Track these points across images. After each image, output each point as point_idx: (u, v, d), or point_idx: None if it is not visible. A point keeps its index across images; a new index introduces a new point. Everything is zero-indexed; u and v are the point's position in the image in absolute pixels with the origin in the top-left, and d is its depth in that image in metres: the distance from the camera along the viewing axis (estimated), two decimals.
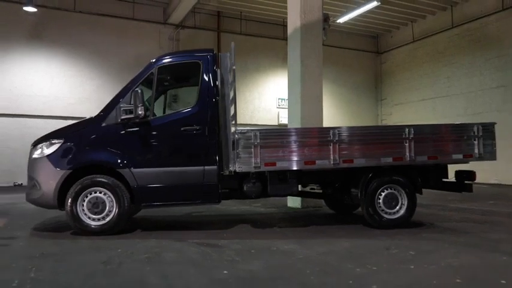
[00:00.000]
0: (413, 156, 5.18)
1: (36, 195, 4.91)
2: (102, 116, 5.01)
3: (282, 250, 4.10)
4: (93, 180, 4.80)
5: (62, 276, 3.21)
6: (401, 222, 5.24)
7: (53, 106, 13.75)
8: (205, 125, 5.04)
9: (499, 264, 3.58)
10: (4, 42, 13.10)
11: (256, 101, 16.22)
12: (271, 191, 5.29)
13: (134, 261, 3.65)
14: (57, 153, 4.86)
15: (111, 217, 4.81)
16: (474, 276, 3.21)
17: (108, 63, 14.45)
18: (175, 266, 3.50)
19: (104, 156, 4.89)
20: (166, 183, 4.93)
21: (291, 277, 3.21)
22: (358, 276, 3.19)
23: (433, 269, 3.39)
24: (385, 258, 3.75)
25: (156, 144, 5.02)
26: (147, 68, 5.17)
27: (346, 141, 5.09)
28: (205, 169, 5.01)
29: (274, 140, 5.05)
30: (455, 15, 15.18)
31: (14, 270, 3.37)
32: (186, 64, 5.39)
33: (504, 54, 13.73)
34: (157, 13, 15.08)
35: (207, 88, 5.14)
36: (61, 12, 13.69)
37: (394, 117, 17.88)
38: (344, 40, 17.62)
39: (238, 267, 3.45)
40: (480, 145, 5.34)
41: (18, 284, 2.99)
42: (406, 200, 5.27)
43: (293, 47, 7.71)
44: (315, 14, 7.56)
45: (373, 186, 5.21)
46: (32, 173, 5.02)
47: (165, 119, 5.19)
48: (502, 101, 13.79)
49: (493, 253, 3.96)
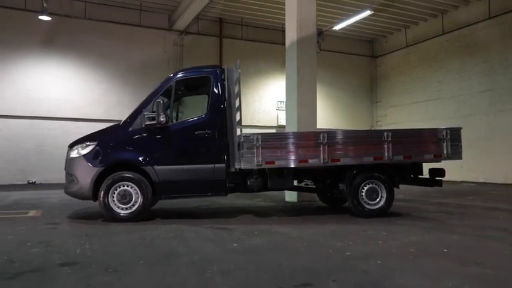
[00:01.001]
0: (391, 156, 6.24)
1: (74, 189, 5.96)
2: (128, 122, 6.07)
3: (279, 231, 5.16)
4: (121, 175, 5.86)
5: (111, 248, 4.26)
6: (381, 212, 6.31)
7: (64, 108, 14.79)
8: (215, 129, 6.11)
9: (448, 241, 4.64)
10: (20, 49, 14.16)
11: (256, 103, 17.30)
12: (270, 185, 6.36)
13: (162, 239, 4.71)
14: (92, 154, 5.91)
15: (136, 207, 5.87)
16: (425, 248, 4.27)
17: (115, 67, 15.50)
18: (195, 241, 4.56)
19: (130, 155, 5.96)
20: (183, 179, 6.00)
21: (285, 248, 4.28)
22: (337, 248, 4.25)
23: (396, 243, 4.45)
24: (361, 237, 4.82)
25: (174, 145, 6.09)
26: (166, 82, 6.24)
27: (333, 143, 6.15)
28: (215, 167, 6.08)
29: (273, 142, 6.11)
30: (445, 22, 16.26)
31: (71, 244, 4.42)
32: (199, 78, 6.48)
33: (490, 60, 14.81)
34: (162, 20, 16.14)
35: (217, 98, 6.21)
36: (72, 19, 14.73)
37: (389, 118, 18.97)
38: (341, 45, 18.70)
39: (245, 242, 4.51)
40: (448, 147, 6.40)
41: (80, 252, 4.04)
42: (385, 193, 6.34)
43: (290, 58, 8.77)
44: (310, 29, 8.62)
45: (357, 181, 6.28)
46: (70, 170, 6.05)
47: (181, 125, 6.26)
48: (488, 104, 14.87)
49: (448, 234, 5.02)
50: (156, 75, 15.85)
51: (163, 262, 3.67)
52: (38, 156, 14.39)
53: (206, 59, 16.65)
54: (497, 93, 14.60)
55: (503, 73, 14.38)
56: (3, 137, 14.06)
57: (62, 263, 3.61)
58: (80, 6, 14.78)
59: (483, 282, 3.07)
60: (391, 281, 3.12)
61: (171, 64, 16.26)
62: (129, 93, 15.64)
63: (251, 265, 3.56)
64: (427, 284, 3.02)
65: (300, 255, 3.99)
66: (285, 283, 3.05)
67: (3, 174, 13.85)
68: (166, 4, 15.48)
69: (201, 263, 3.60)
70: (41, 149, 14.48)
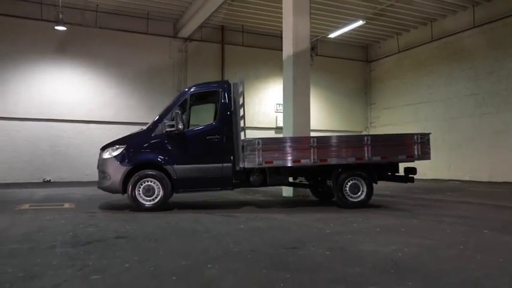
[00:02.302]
0: (370, 157, 7.64)
1: (107, 184, 7.36)
2: (151, 129, 7.47)
3: (276, 218, 6.56)
4: (146, 173, 7.25)
5: (146, 228, 5.64)
6: (362, 203, 7.70)
7: (76, 111, 16.16)
8: (223, 134, 7.52)
9: (409, 224, 6.03)
10: (36, 56, 15.53)
11: (256, 106, 18.69)
12: (269, 181, 7.76)
13: (184, 222, 6.11)
14: (121, 155, 7.30)
15: (158, 199, 7.26)
16: (388, 228, 5.66)
17: (124, 72, 16.88)
18: (210, 224, 5.96)
19: (153, 156, 7.36)
20: (196, 176, 7.40)
21: (280, 228, 5.67)
22: (320, 228, 5.65)
23: (367, 225, 5.85)
24: (341, 221, 6.21)
25: (189, 148, 7.48)
26: (182, 95, 7.66)
27: (322, 146, 7.54)
28: (223, 166, 7.49)
29: (271, 145, 7.52)
30: (434, 30, 17.66)
31: (114, 225, 5.80)
32: (209, 91, 7.91)
33: (475, 66, 16.22)
34: (167, 28, 17.52)
35: (224, 108, 7.61)
36: (84, 28, 16.10)
37: (382, 120, 20.40)
38: (336, 50, 20.12)
39: (249, 224, 5.91)
40: (419, 149, 7.79)
41: (125, 230, 5.43)
42: (365, 188, 7.74)
43: (287, 70, 10.17)
44: (304, 44, 10.01)
45: (341, 178, 7.68)
46: (103, 168, 7.44)
47: (195, 131, 7.65)
48: (473, 107, 16.30)
49: (411, 219, 6.42)
50: (162, 80, 17.43)
51: (190, 236, 5.06)
52: (53, 156, 15.77)
53: (209, 65, 18.13)
54: (481, 97, 16.02)
55: (487, 79, 15.80)
56: (21, 138, 15.44)
57: (115, 236, 5.01)
58: (91, 16, 16.15)
59: (418, 247, 4.46)
60: (354, 246, 4.51)
61: (176, 69, 17.69)
62: (137, 96, 17.06)
63: (255, 238, 4.96)
64: (378, 249, 4.40)
65: (291, 232, 5.39)
66: (279, 247, 4.44)
67: (20, 173, 15.25)
68: (171, 13, 16.85)
69: (218, 237, 5.00)
70: (55, 149, 15.86)
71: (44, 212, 7.24)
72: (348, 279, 3.26)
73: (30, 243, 4.57)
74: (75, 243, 4.63)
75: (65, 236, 5.02)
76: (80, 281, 3.24)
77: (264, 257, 4.03)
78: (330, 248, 4.39)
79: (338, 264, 3.75)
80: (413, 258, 3.96)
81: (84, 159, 15.95)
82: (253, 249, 4.34)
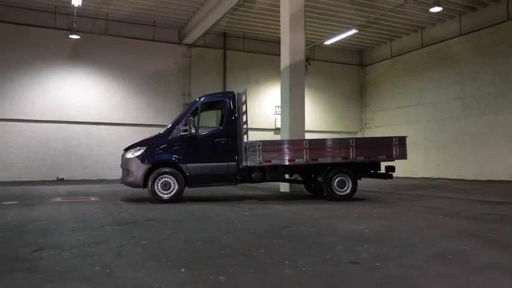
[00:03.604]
0: (355, 157, 9.13)
1: (130, 180, 8.84)
2: (168, 133, 8.96)
3: (274, 208, 8.05)
4: (163, 170, 8.73)
5: (168, 215, 7.12)
6: (347, 197, 9.19)
7: (86, 113, 17.65)
8: (229, 137, 9.01)
9: (383, 212, 7.51)
10: (50, 62, 17.02)
11: (256, 108, 20.18)
12: (268, 178, 9.24)
13: (198, 210, 7.59)
14: (142, 155, 8.78)
15: (174, 192, 8.75)
16: (364, 215, 7.13)
17: (132, 77, 18.38)
18: (220, 211, 7.44)
19: (170, 156, 8.84)
20: (206, 173, 8.89)
21: (277, 215, 7.16)
22: (309, 214, 7.13)
23: (348, 212, 7.33)
24: (327, 210, 7.70)
25: (200, 149, 8.97)
26: (194, 104, 9.16)
27: (313, 148, 9.03)
28: (229, 164, 8.97)
29: (270, 147, 9.01)
30: (424, 37, 19.18)
31: (141, 212, 7.27)
32: (217, 100, 9.40)
33: (462, 72, 17.74)
34: (173, 35, 19.01)
35: (230, 115, 9.11)
36: (94, 36, 17.59)
37: (376, 121, 21.92)
38: (333, 55, 21.64)
39: (251, 212, 7.40)
40: (396, 150, 9.28)
41: (152, 215, 6.90)
42: (351, 183, 9.23)
43: (284, 79, 11.65)
44: (300, 56, 11.50)
45: (330, 175, 9.16)
46: (126, 166, 8.92)
47: (205, 135, 9.14)
48: (460, 110, 17.82)
49: (386, 209, 7.91)
50: (167, 84, 18.95)
51: (205, 220, 6.55)
52: (65, 155, 17.26)
53: (211, 69, 19.64)
54: (466, 101, 17.54)
55: (472, 83, 17.32)
56: (35, 139, 16.92)
57: (145, 219, 6.49)
58: (102, 24, 17.62)
59: (382, 226, 5.93)
60: (333, 226, 5.99)
61: (180, 74, 19.19)
62: (144, 99, 18.57)
63: (256, 221, 6.45)
64: (351, 227, 5.87)
65: (285, 217, 6.88)
66: (275, 226, 5.92)
67: (35, 171, 16.74)
68: (176, 21, 18.34)
69: (227, 220, 6.48)
70: (68, 149, 17.35)
71: (77, 203, 8.72)
72: (324, 243, 4.75)
73: (83, 224, 6.06)
74: (118, 223, 6.12)
75: (107, 219, 6.51)
76: (134, 244, 4.72)
77: (264, 232, 5.52)
78: (314, 226, 5.88)
79: (318, 236, 5.24)
80: (375, 233, 5.45)
81: (94, 158, 17.52)
82: (255, 227, 5.83)
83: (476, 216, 6.93)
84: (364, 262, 3.87)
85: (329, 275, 3.51)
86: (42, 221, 6.31)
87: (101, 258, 4.00)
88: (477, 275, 3.51)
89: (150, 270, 3.58)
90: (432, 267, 3.68)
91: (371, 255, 4.12)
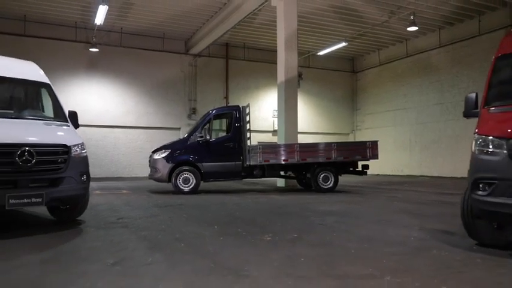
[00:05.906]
0: (336, 157, 11.85)
1: (157, 176, 11.55)
2: (187, 139, 11.71)
3: (272, 197, 10.78)
4: (184, 168, 11.43)
5: (191, 202, 9.79)
6: (331, 189, 11.91)
7: (102, 118, 20.30)
8: (236, 142, 11.74)
9: (353, 199, 10.22)
10: (71, 72, 19.65)
11: (256, 112, 22.83)
12: (267, 174, 12.00)
13: (213, 199, 10.30)
14: (167, 156, 11.48)
15: (192, 185, 11.45)
16: (340, 201, 9.83)
17: (143, 84, 21.05)
18: (231, 199, 10.13)
19: (189, 157, 11.55)
20: (218, 170, 11.61)
21: (275, 202, 9.87)
22: (299, 201, 9.84)
23: (328, 200, 10.04)
24: (313, 198, 10.41)
25: (213, 151, 11.66)
26: (208, 115, 11.92)
27: (302, 150, 11.76)
28: (236, 163, 11.71)
29: (268, 149, 11.74)
30: (409, 47, 21.92)
31: (170, 200, 9.95)
32: (226, 112, 12.16)
33: (441, 80, 20.48)
34: (180, 46, 21.70)
35: (236, 124, 11.82)
36: (109, 47, 20.23)
37: (366, 124, 24.68)
38: (326, 62, 24.38)
39: (255, 200, 10.12)
40: (370, 151, 12.00)
41: (180, 202, 9.60)
42: (333, 178, 11.95)
43: (280, 92, 14.34)
44: (293, 72, 14.19)
45: (317, 171, 11.88)
46: (154, 165, 11.62)
47: (217, 140, 11.89)
48: (439, 115, 20.56)
49: (356, 197, 10.64)
50: (175, 90, 21.68)
51: (221, 204, 9.25)
52: None
53: (215, 77, 22.35)
54: (445, 106, 20.28)
55: (450, 90, 20.05)
56: None
57: (177, 204, 9.18)
58: (116, 37, 20.28)
59: (350, 207, 8.63)
60: (315, 207, 8.69)
61: (187, 81, 21.88)
62: (154, 104, 21.24)
63: (258, 204, 9.17)
64: (327, 208, 8.54)
65: (280, 203, 9.59)
66: (273, 207, 8.63)
67: None
68: (183, 34, 21.01)
69: (238, 204, 9.18)
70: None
71: (115, 195, 11.42)
72: (304, 216, 7.45)
73: (135, 206, 8.74)
74: (159, 206, 8.82)
75: (149, 204, 9.21)
76: (178, 217, 7.40)
77: (264, 210, 8.24)
78: (301, 208, 8.61)
79: (303, 212, 7.95)
80: (342, 211, 8.16)
81: (109, 158, 20.21)
82: (258, 208, 8.56)
83: (421, 202, 9.68)
84: (327, 224, 6.59)
85: (303, 229, 6.24)
86: (103, 205, 9.00)
87: (162, 222, 6.71)
88: (394, 229, 6.22)
89: (196, 227, 6.29)
90: (368, 225, 6.40)
91: (332, 221, 6.84)
